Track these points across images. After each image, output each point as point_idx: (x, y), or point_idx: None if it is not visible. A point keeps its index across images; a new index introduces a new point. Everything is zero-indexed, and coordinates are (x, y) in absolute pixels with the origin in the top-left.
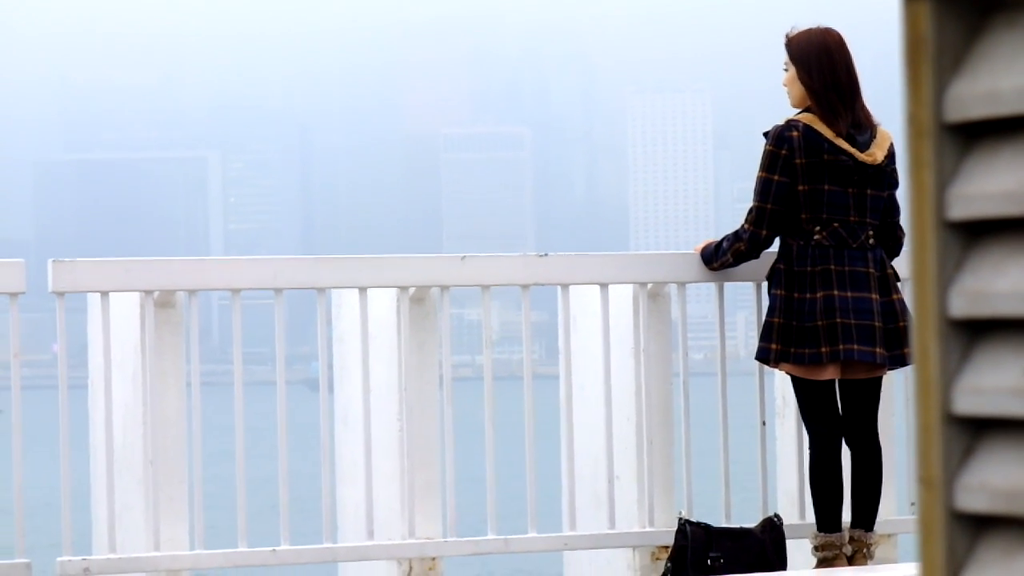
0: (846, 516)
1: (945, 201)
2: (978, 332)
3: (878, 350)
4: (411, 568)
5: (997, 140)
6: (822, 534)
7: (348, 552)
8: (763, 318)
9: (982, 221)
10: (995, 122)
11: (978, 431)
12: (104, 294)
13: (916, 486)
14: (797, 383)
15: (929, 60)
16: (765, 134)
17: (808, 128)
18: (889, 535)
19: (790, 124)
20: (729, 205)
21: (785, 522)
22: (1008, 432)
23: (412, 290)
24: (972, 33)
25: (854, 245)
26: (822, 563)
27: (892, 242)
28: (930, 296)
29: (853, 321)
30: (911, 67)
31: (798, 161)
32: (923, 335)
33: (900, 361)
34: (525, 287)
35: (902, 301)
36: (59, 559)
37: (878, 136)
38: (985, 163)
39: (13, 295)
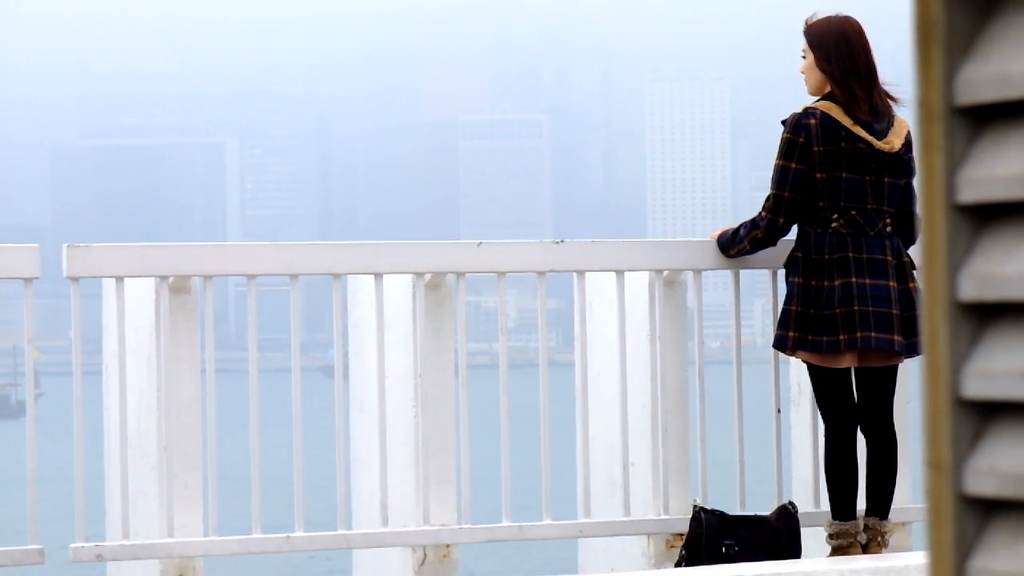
0: (861, 504)
1: (955, 184)
2: (987, 316)
3: (896, 338)
4: (425, 555)
5: (1007, 124)
6: (837, 522)
7: (362, 539)
8: (780, 306)
9: (992, 204)
10: (1005, 105)
11: (987, 415)
12: (119, 279)
13: (925, 470)
14: (814, 371)
15: (940, 43)
16: (783, 122)
17: (826, 116)
18: (903, 523)
19: (808, 112)
20: (747, 193)
21: (800, 510)
22: (1017, 416)
23: (428, 276)
24: (982, 16)
25: (871, 233)
26: (836, 551)
27: (909, 230)
28: (940, 279)
29: (871, 308)
30: (922, 50)
31: (815, 149)
32: (932, 318)
33: (916, 350)
34: (541, 274)
35: (919, 289)
36: (72, 545)
37: (895, 124)
38: (995, 147)
39: (27, 280)
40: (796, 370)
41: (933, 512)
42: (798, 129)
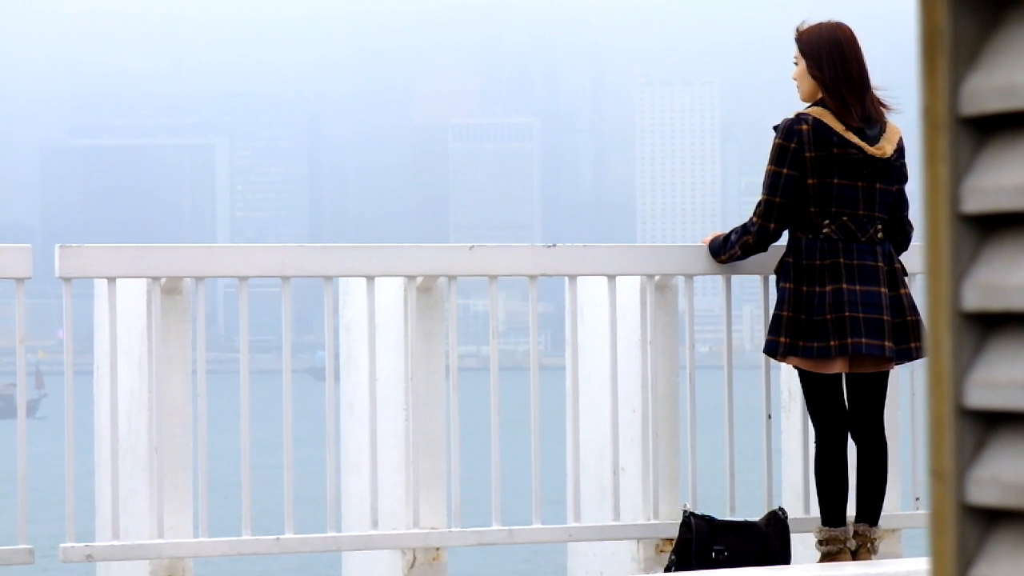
0: (851, 510)
1: (960, 194)
2: (991, 325)
3: (886, 344)
4: (415, 558)
5: (1012, 134)
6: (826, 528)
7: (352, 541)
8: (770, 312)
9: (996, 214)
10: (1011, 116)
11: (990, 424)
12: (111, 280)
13: (928, 479)
14: (804, 377)
15: (945, 53)
16: (775, 127)
17: (818, 122)
18: (893, 530)
19: (800, 117)
20: (736, 198)
21: (790, 516)
22: (1020, 426)
23: (420, 279)
24: (988, 27)
25: (863, 239)
26: (826, 557)
27: (900, 236)
28: (944, 289)
29: (862, 315)
30: (927, 60)
31: (807, 154)
32: (936, 328)
33: (907, 356)
34: (532, 278)
35: (909, 296)
36: (62, 545)
37: (887, 130)
38: (1000, 156)
39: (19, 280)
40: (787, 376)
41: (935, 521)
42: (790, 135)
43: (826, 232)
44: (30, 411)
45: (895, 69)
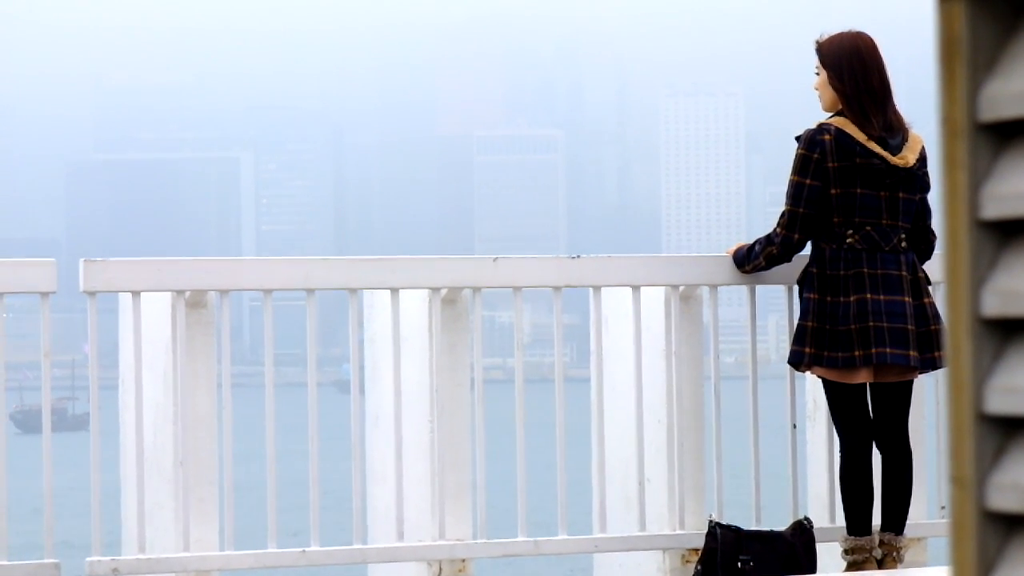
0: (876, 520)
1: (979, 201)
2: (1011, 331)
3: (911, 353)
4: (441, 569)
5: None
6: (852, 537)
7: (378, 553)
8: (795, 322)
9: (1016, 220)
10: None
11: (1010, 430)
12: (136, 294)
13: (948, 485)
14: (829, 387)
15: (963, 60)
16: (797, 138)
17: (840, 131)
18: (919, 539)
19: (822, 128)
20: (761, 209)
21: (815, 525)
22: None
23: (444, 291)
24: (1006, 33)
25: (886, 248)
26: (852, 566)
27: (924, 245)
28: (963, 295)
29: (886, 324)
30: (945, 67)
31: (830, 165)
32: (956, 334)
33: (932, 364)
34: (557, 289)
35: (933, 305)
36: (88, 559)
37: (910, 139)
38: (1019, 163)
39: (44, 295)
40: (812, 386)
41: (956, 527)
42: (813, 145)
43: (850, 242)
44: (81, 424)
45: (918, 78)
